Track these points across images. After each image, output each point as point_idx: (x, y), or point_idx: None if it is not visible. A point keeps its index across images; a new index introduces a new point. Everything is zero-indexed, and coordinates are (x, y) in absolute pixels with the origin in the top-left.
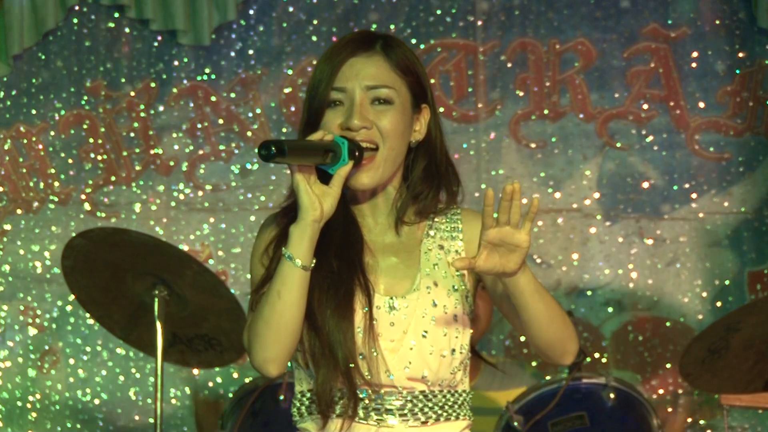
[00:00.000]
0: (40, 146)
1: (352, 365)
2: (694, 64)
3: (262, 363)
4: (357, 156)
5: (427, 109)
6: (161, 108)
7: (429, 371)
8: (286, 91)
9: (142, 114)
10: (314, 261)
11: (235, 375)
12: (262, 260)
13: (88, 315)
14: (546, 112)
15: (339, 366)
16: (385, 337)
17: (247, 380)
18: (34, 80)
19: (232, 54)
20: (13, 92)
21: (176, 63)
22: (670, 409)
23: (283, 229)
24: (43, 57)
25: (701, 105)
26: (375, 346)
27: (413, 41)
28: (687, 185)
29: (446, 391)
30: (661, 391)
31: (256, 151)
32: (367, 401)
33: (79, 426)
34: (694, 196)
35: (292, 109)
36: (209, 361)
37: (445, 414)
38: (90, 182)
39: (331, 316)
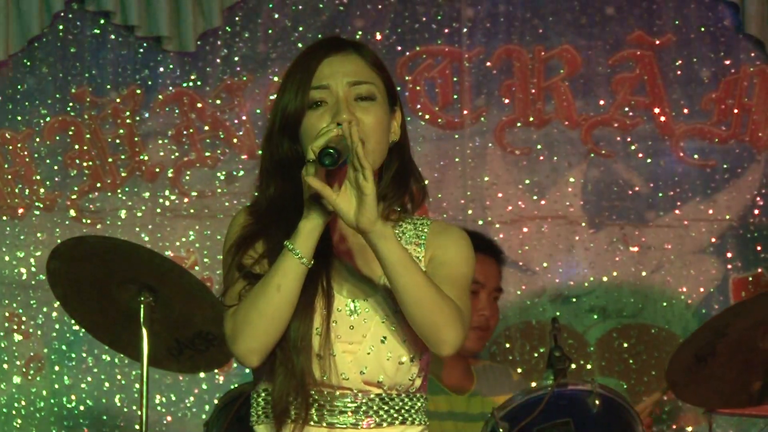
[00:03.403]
0: (26, 152)
1: (306, 372)
2: (678, 72)
3: (246, 353)
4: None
5: (398, 112)
6: (147, 114)
7: (385, 376)
8: (272, 97)
9: (128, 120)
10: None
11: (221, 380)
12: (228, 257)
13: (73, 322)
14: (531, 119)
15: (295, 374)
16: (343, 340)
17: (232, 386)
18: (19, 86)
19: (218, 60)
20: None
21: (161, 69)
22: (655, 415)
23: (255, 232)
24: (29, 63)
25: (686, 112)
26: (332, 348)
27: (399, 48)
28: (672, 192)
29: (404, 395)
30: (645, 398)
31: (320, 161)
32: (321, 403)
33: None
34: (678, 203)
35: None
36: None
37: (400, 418)
38: (75, 188)
39: (291, 320)
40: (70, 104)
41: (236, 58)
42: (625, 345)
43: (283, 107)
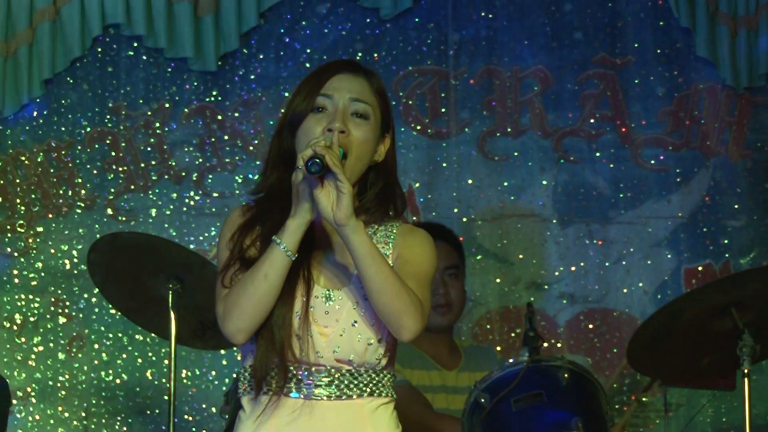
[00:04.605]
0: (69, 159)
1: (285, 345)
2: (637, 88)
3: (235, 332)
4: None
5: (389, 138)
6: (174, 125)
7: (355, 355)
8: (283, 110)
9: (158, 131)
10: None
11: (240, 357)
12: (229, 243)
13: (110, 306)
14: (509, 129)
15: (275, 345)
16: (319, 323)
17: None
18: (63, 101)
19: (236, 79)
20: (45, 112)
21: (187, 86)
22: (615, 386)
23: (252, 218)
24: (71, 81)
25: (644, 123)
26: (309, 330)
27: (393, 67)
28: (631, 194)
29: (371, 371)
30: (608, 373)
31: (307, 168)
32: (299, 377)
33: (102, 402)
34: (637, 203)
35: None
36: None
37: (368, 390)
38: (112, 190)
39: (275, 304)
40: (108, 117)
41: (252, 77)
42: (591, 326)
43: (293, 107)
